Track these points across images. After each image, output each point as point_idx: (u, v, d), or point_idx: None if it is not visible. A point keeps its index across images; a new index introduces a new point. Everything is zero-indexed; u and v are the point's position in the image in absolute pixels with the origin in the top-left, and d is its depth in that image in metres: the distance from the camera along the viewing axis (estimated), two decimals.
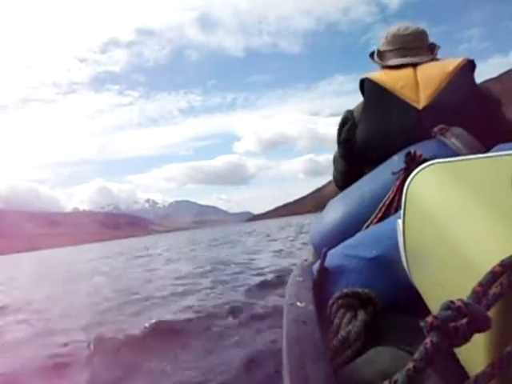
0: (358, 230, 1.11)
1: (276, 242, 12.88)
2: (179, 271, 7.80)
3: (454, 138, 1.17)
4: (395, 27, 1.62)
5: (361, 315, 0.75)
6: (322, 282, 0.96)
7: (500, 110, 1.46)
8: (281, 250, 9.66)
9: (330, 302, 0.81)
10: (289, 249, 9.83)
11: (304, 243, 9.44)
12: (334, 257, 0.99)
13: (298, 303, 0.83)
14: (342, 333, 0.71)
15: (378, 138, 1.42)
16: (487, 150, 1.02)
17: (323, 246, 1.05)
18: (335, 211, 1.29)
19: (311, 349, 0.63)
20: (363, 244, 0.97)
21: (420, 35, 1.58)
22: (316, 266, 1.02)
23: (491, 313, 0.38)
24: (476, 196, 0.52)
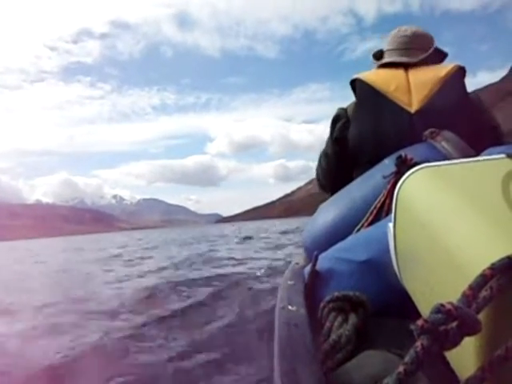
0: (350, 233, 1.11)
1: None
2: None
3: (444, 141, 1.18)
4: (398, 28, 1.62)
5: (352, 319, 0.75)
6: (314, 285, 0.96)
7: (487, 117, 1.47)
8: None
9: (321, 305, 0.81)
10: None
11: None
12: (325, 260, 0.99)
13: (290, 306, 0.82)
14: (333, 336, 0.71)
15: (370, 139, 1.41)
16: (477, 154, 1.03)
17: (314, 249, 1.04)
18: (326, 214, 1.29)
19: (302, 352, 0.62)
20: (354, 247, 0.97)
21: (417, 37, 1.57)
22: (307, 270, 1.02)
23: (481, 316, 0.38)
24: (467, 199, 0.52)
